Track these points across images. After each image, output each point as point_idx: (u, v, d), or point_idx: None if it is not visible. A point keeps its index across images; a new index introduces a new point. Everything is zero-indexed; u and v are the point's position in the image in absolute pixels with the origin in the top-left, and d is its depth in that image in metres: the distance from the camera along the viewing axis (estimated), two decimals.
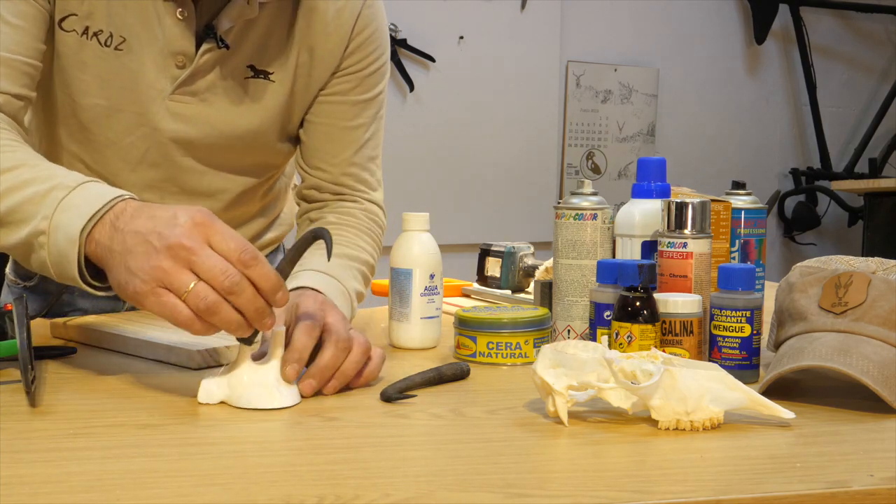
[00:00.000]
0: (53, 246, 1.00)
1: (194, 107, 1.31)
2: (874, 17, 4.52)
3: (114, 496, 0.73)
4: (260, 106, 1.33)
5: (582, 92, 4.04)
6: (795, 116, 4.50)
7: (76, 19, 1.24)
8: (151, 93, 1.29)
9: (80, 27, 1.25)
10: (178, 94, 1.29)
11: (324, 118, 1.38)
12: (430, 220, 1.31)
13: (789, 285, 1.12)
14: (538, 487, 0.77)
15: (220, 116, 1.32)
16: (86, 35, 1.25)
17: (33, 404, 0.97)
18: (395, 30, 3.64)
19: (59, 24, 1.24)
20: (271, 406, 0.98)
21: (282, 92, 1.34)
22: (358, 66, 1.37)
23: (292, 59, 1.33)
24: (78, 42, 1.25)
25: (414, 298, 1.28)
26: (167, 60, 1.27)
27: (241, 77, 1.31)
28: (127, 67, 1.27)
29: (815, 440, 0.91)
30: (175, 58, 1.27)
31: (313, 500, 0.72)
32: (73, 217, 0.99)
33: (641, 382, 0.92)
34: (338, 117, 1.38)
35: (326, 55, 1.34)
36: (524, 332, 1.21)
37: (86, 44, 1.26)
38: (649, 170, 1.27)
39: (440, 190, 3.78)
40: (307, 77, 1.35)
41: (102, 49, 1.26)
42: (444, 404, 1.01)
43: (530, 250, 1.66)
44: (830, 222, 4.54)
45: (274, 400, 0.98)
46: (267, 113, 1.34)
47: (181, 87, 1.29)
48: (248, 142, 1.35)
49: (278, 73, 1.33)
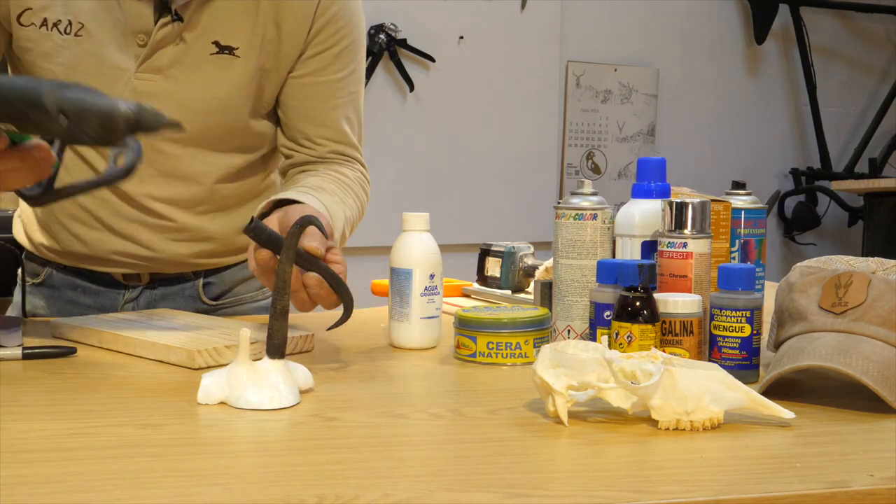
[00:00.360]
0: None
1: (159, 83, 1.32)
2: (874, 17, 4.51)
3: (114, 496, 0.73)
4: (226, 80, 1.34)
5: (582, 92, 4.04)
6: (795, 116, 4.50)
7: (32, 13, 1.27)
8: (116, 73, 1.31)
9: (37, 20, 1.27)
10: (142, 71, 1.31)
11: (302, 100, 1.40)
12: (430, 220, 1.31)
13: (789, 285, 1.12)
14: (538, 487, 0.77)
15: (185, 91, 1.33)
16: (45, 26, 1.27)
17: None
18: (395, 30, 3.64)
19: (17, 19, 1.26)
20: (271, 406, 0.98)
21: (248, 67, 1.35)
22: (326, 45, 1.38)
23: (258, 35, 1.34)
24: (38, 34, 1.28)
25: (414, 298, 1.28)
26: (128, 40, 1.29)
27: (206, 53, 1.33)
28: (89, 52, 1.29)
29: (815, 440, 0.91)
30: (136, 36, 1.29)
31: (313, 500, 0.72)
32: None
33: (641, 382, 0.92)
34: (316, 98, 1.40)
35: (292, 32, 1.36)
36: (524, 332, 1.21)
37: (46, 35, 1.28)
38: (649, 170, 1.27)
39: (440, 190, 3.77)
40: (276, 53, 1.36)
41: (63, 37, 1.28)
42: (444, 404, 1.01)
43: (530, 250, 1.66)
44: (830, 222, 4.54)
45: (274, 400, 0.98)
46: (233, 87, 1.35)
47: (144, 64, 1.31)
48: (216, 117, 1.36)
49: (244, 49, 1.34)
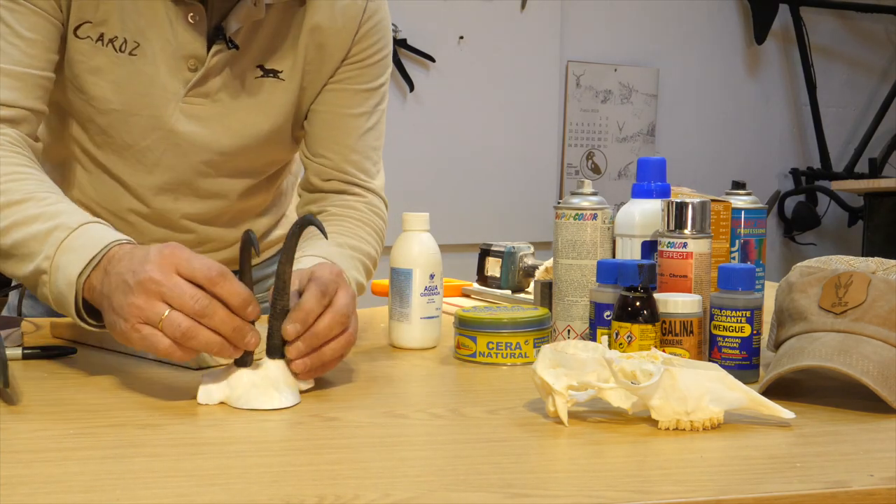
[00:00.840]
0: (54, 285, 1.05)
1: (207, 108, 1.33)
2: (874, 17, 4.52)
3: (114, 496, 0.73)
4: (271, 104, 1.36)
5: (582, 92, 4.04)
6: (795, 116, 4.50)
7: (90, 26, 1.26)
8: (166, 95, 1.31)
9: (94, 34, 1.27)
10: (191, 95, 1.31)
11: (328, 106, 1.40)
12: (430, 220, 1.31)
13: (789, 285, 1.12)
14: (538, 487, 0.77)
15: (233, 116, 1.34)
16: (101, 41, 1.27)
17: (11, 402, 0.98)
18: (396, 30, 3.64)
19: (74, 31, 1.26)
20: (271, 406, 0.98)
21: (291, 89, 1.36)
22: (362, 56, 1.39)
23: (301, 56, 1.35)
24: (92, 48, 1.27)
25: (414, 298, 1.28)
26: (179, 64, 1.29)
27: (251, 77, 1.33)
28: (142, 72, 1.29)
29: (815, 440, 0.91)
30: (187, 61, 1.29)
31: (313, 500, 0.72)
32: (73, 260, 1.04)
33: (641, 382, 0.92)
34: (341, 105, 1.40)
35: (335, 48, 1.36)
36: (524, 332, 1.21)
37: (100, 50, 1.28)
38: (649, 170, 1.27)
39: (440, 190, 3.77)
40: (316, 73, 1.37)
41: (117, 55, 1.28)
42: (444, 404, 1.01)
43: (530, 250, 1.66)
44: (830, 222, 4.54)
45: (274, 400, 0.98)
46: (278, 110, 1.36)
47: (194, 89, 1.31)
48: (262, 140, 1.38)
49: (287, 72, 1.35)
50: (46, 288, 1.06)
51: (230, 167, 1.39)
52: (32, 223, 1.09)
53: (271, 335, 1.02)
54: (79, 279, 1.03)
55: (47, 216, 1.10)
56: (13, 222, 1.10)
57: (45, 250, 1.06)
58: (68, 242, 1.05)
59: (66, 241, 1.06)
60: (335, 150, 1.41)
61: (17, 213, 1.11)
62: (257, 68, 1.33)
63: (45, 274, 1.06)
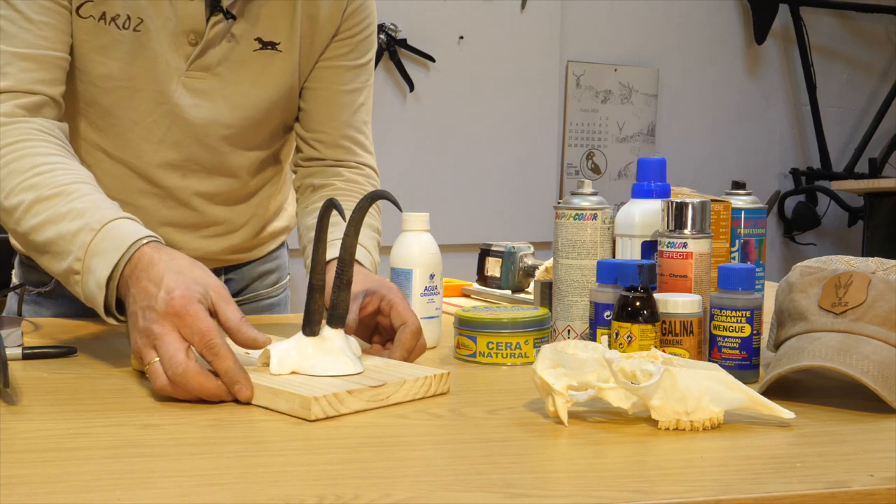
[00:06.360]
0: (86, 286, 1.10)
1: (208, 82, 1.35)
2: (874, 17, 4.52)
3: (114, 496, 0.73)
4: (270, 75, 1.38)
5: (582, 92, 4.04)
6: (795, 116, 4.50)
7: (92, 5, 1.28)
8: (169, 70, 1.33)
9: (96, 13, 1.28)
10: (192, 70, 1.34)
11: (323, 83, 1.44)
12: (430, 220, 1.31)
13: (789, 285, 1.12)
14: (538, 487, 0.77)
15: (233, 89, 1.37)
16: (103, 20, 1.29)
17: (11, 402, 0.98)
18: (395, 30, 3.64)
19: (77, 11, 1.28)
20: (346, 372, 1.02)
21: (289, 61, 1.39)
22: (352, 31, 1.43)
23: (296, 29, 1.37)
24: (95, 27, 1.29)
25: (414, 298, 1.28)
26: (180, 38, 1.32)
27: (250, 50, 1.36)
28: (146, 47, 1.31)
29: (815, 440, 0.91)
30: (187, 35, 1.32)
31: (313, 500, 0.72)
32: (101, 264, 1.07)
33: (641, 382, 0.92)
34: (335, 81, 1.44)
35: (326, 21, 1.40)
36: (524, 332, 1.21)
37: (104, 28, 1.29)
38: (649, 170, 1.27)
39: (440, 190, 3.77)
40: (310, 46, 1.41)
41: (121, 32, 1.30)
42: (443, 404, 1.01)
43: (530, 250, 1.66)
44: (830, 222, 4.54)
45: (346, 366, 1.03)
46: (277, 82, 1.39)
47: (194, 63, 1.33)
48: (263, 112, 1.40)
49: (285, 43, 1.38)
50: (79, 287, 1.10)
51: (234, 140, 1.41)
52: (61, 221, 1.12)
53: (335, 306, 1.05)
54: (108, 284, 1.07)
55: (74, 214, 1.12)
56: (44, 220, 1.13)
57: (74, 251, 1.10)
58: (94, 245, 1.08)
59: (92, 243, 1.08)
60: (332, 126, 1.46)
61: (49, 210, 1.13)
62: (255, 41, 1.36)
63: (76, 274, 1.10)
